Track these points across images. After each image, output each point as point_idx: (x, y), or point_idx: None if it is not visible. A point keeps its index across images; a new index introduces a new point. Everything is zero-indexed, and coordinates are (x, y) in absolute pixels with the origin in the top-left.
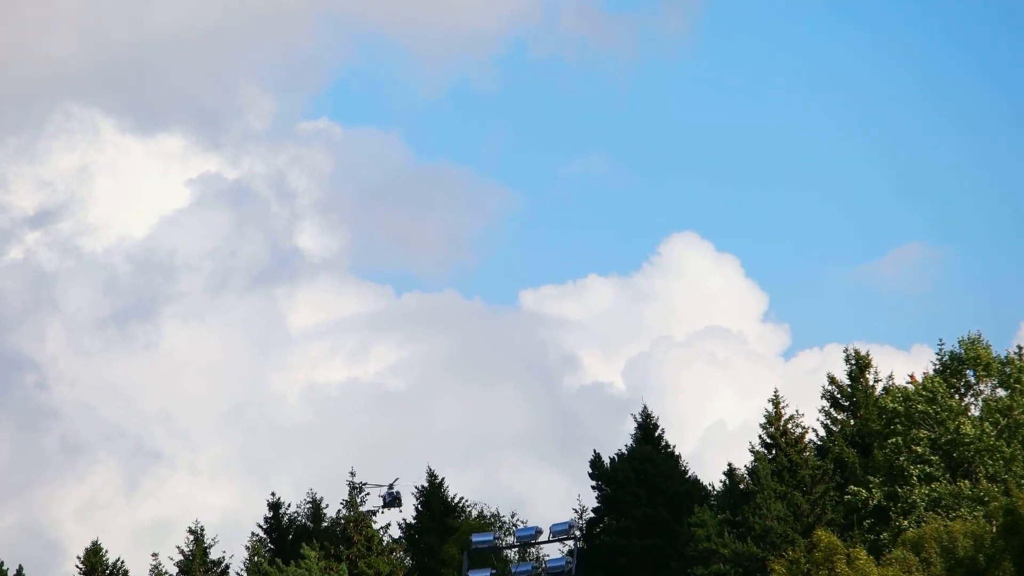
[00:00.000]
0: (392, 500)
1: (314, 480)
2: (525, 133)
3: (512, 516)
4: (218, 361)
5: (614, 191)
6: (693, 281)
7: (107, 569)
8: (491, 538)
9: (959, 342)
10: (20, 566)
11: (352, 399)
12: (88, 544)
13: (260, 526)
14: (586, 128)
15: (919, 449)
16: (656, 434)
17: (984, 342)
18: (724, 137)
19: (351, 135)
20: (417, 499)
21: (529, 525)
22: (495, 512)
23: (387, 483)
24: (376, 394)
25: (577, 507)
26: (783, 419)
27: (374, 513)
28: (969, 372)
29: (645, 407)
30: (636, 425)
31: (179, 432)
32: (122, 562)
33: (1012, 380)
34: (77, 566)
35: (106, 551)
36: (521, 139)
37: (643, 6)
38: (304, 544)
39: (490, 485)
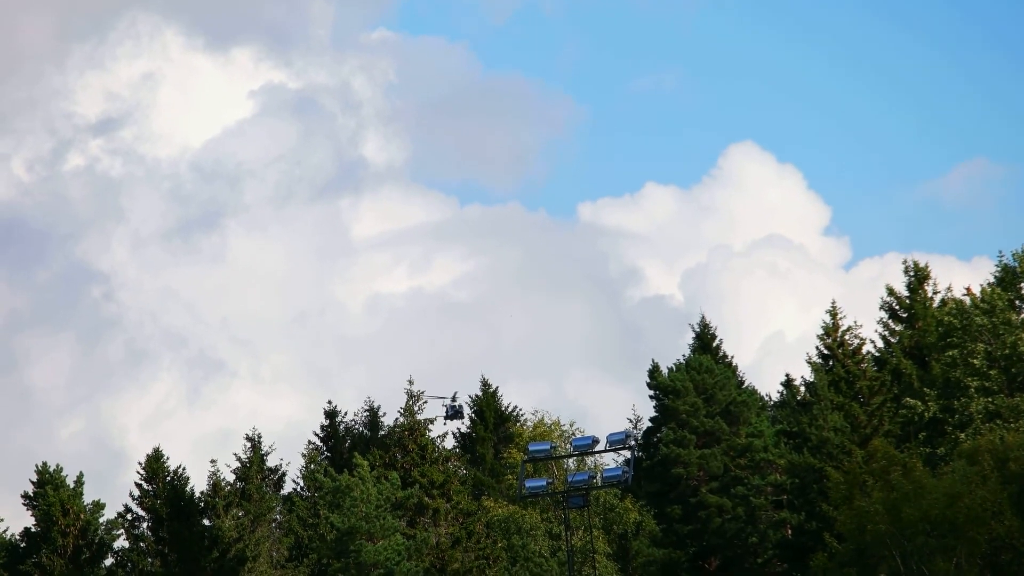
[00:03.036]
0: (455, 413)
1: (376, 390)
2: (595, 47)
3: (571, 425)
4: (282, 271)
5: (680, 104)
6: (754, 192)
7: (168, 476)
8: (548, 447)
9: (1012, 255)
10: (80, 473)
11: (415, 309)
12: (150, 451)
13: (316, 434)
14: (655, 42)
15: (976, 362)
16: (715, 344)
17: None
18: (789, 51)
19: (417, 44)
20: (471, 408)
21: (587, 435)
22: (556, 420)
23: (448, 395)
24: (439, 305)
25: (632, 416)
26: (840, 330)
27: (431, 421)
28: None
29: (703, 317)
30: (694, 335)
31: (242, 341)
32: (183, 469)
33: None
34: (138, 472)
35: (167, 458)
36: (591, 53)
37: None
38: (357, 454)
39: (553, 396)
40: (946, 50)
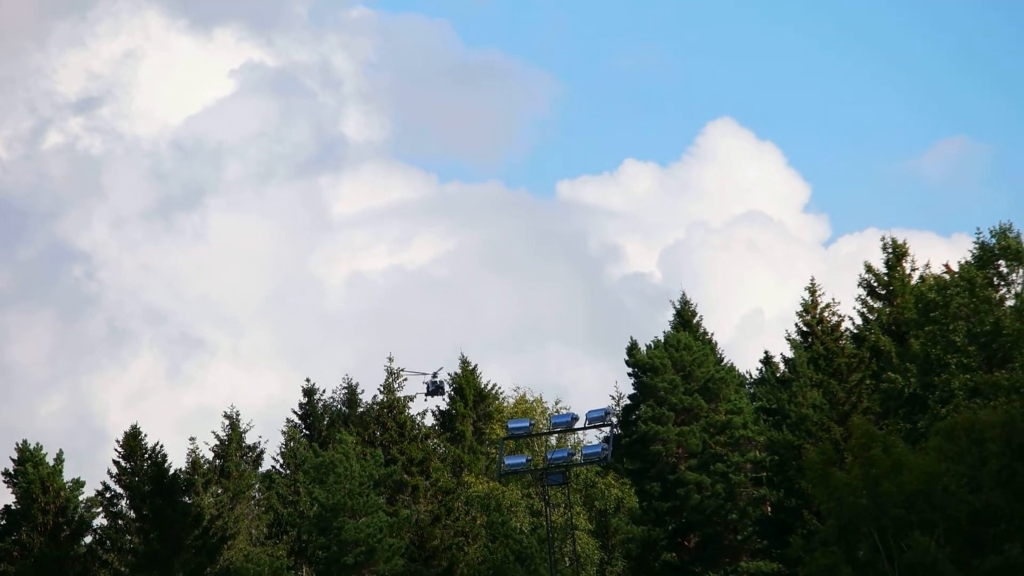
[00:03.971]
0: (436, 389)
1: (356, 368)
2: (576, 24)
3: (556, 404)
4: (262, 249)
5: (660, 82)
6: (734, 169)
7: (146, 453)
8: (527, 424)
9: (990, 232)
10: (60, 450)
11: (396, 287)
12: (128, 429)
13: (295, 412)
14: (636, 20)
15: (956, 339)
16: (695, 321)
17: (1015, 232)
18: (769, 29)
19: (397, 21)
20: (450, 386)
21: (567, 412)
22: (538, 398)
23: (430, 371)
24: (420, 282)
25: (615, 394)
26: (819, 307)
27: (411, 399)
28: (1001, 262)
29: (684, 294)
30: (674, 312)
31: (223, 319)
32: (161, 446)
33: None
34: (116, 450)
35: (145, 435)
36: (572, 30)
37: None
38: (342, 430)
39: (534, 374)
40: (927, 28)
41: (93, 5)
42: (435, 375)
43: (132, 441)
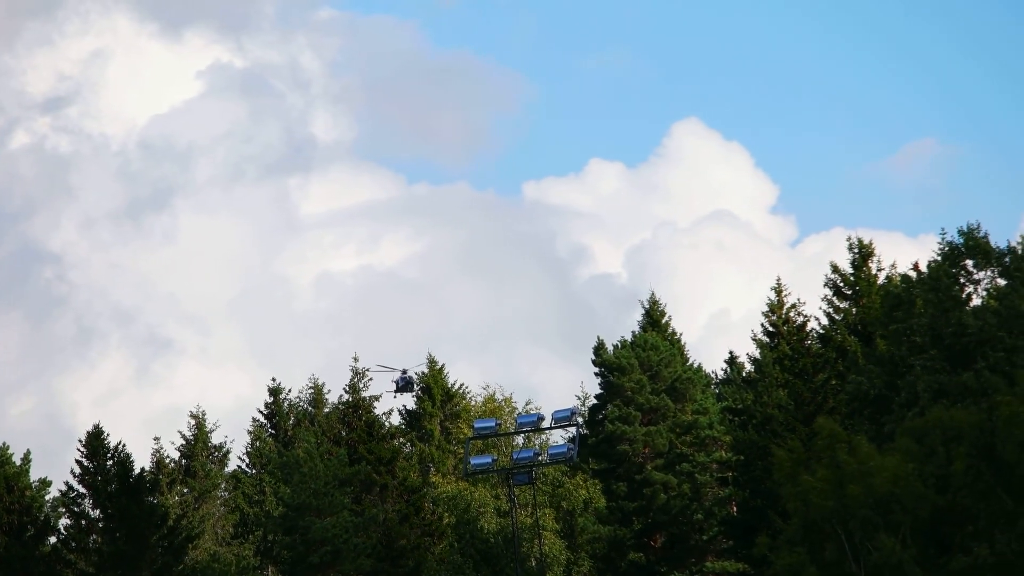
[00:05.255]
0: (405, 385)
1: (324, 368)
2: (545, 25)
3: (526, 404)
4: (231, 249)
5: (629, 82)
6: (702, 171)
7: (108, 453)
8: (494, 424)
9: (958, 232)
10: (28, 450)
11: (364, 288)
12: (90, 428)
13: (261, 411)
14: (604, 20)
15: (919, 340)
16: (663, 321)
17: (983, 232)
18: (737, 30)
19: (366, 22)
20: (418, 385)
21: (534, 412)
22: (507, 397)
23: (399, 368)
24: (388, 283)
25: (580, 394)
26: (785, 307)
27: (376, 398)
28: (969, 262)
29: (653, 294)
30: (643, 311)
31: (191, 319)
32: (124, 446)
33: (1013, 269)
34: (79, 450)
35: (108, 435)
36: (541, 31)
37: None
38: (303, 428)
39: (502, 375)
40: (895, 31)
41: (62, 5)
42: (404, 371)
43: (95, 441)
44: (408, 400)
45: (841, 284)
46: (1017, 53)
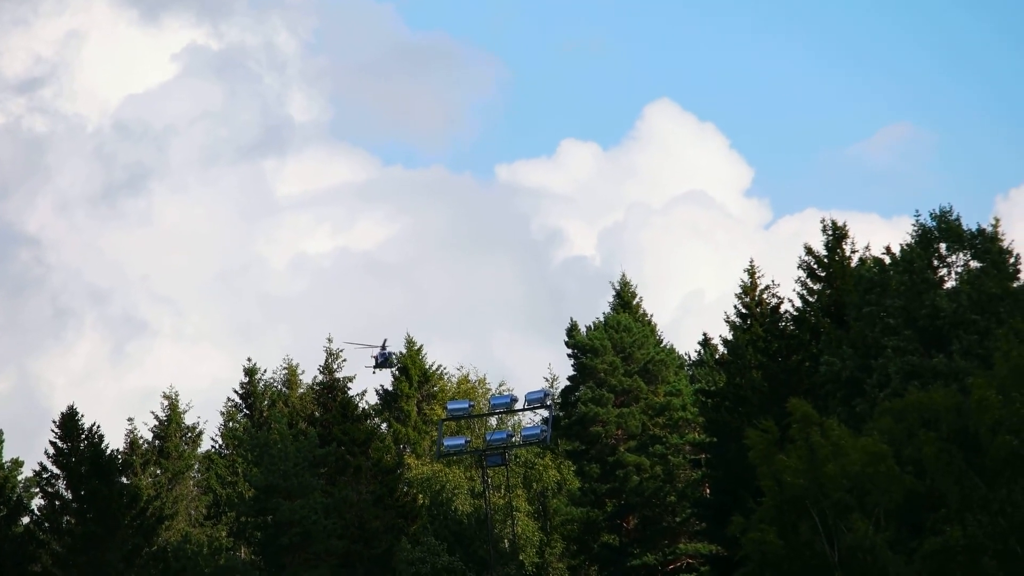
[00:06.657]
0: (384, 360)
1: (300, 349)
2: (521, 6)
3: (500, 386)
4: (207, 231)
5: (603, 64)
6: (676, 152)
7: (83, 434)
8: (467, 406)
9: (930, 215)
10: (1, 431)
11: (340, 269)
12: (64, 409)
13: (236, 392)
14: (581, 2)
15: (892, 321)
16: (635, 302)
17: (955, 215)
18: (712, 13)
19: (342, 3)
20: (397, 360)
21: (507, 393)
22: (481, 378)
23: (377, 345)
24: (364, 264)
25: (549, 375)
26: (759, 289)
27: (351, 380)
28: (942, 245)
29: (624, 275)
30: (614, 293)
31: (167, 300)
32: (98, 427)
33: (984, 252)
34: (53, 431)
35: (82, 416)
36: (517, 12)
37: None
38: (273, 410)
39: (477, 356)
40: (874, 13)
41: None
42: (384, 346)
43: (69, 422)
44: (386, 379)
45: (815, 266)
46: (985, 41)
